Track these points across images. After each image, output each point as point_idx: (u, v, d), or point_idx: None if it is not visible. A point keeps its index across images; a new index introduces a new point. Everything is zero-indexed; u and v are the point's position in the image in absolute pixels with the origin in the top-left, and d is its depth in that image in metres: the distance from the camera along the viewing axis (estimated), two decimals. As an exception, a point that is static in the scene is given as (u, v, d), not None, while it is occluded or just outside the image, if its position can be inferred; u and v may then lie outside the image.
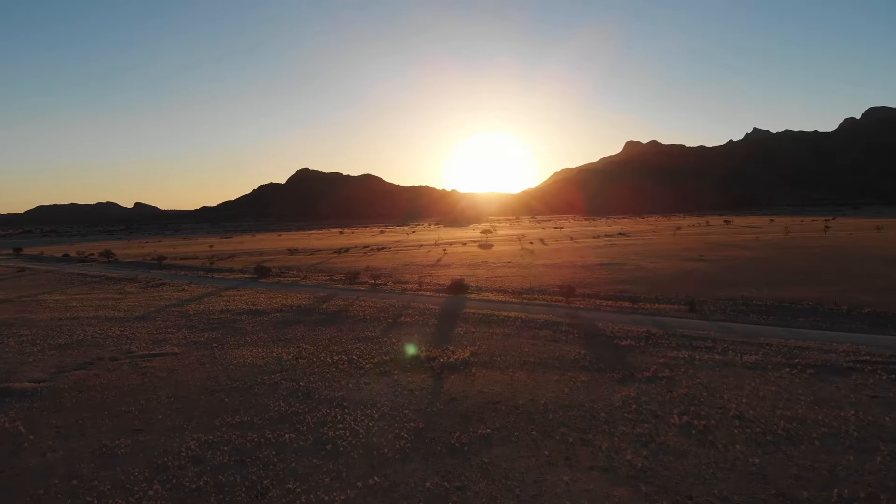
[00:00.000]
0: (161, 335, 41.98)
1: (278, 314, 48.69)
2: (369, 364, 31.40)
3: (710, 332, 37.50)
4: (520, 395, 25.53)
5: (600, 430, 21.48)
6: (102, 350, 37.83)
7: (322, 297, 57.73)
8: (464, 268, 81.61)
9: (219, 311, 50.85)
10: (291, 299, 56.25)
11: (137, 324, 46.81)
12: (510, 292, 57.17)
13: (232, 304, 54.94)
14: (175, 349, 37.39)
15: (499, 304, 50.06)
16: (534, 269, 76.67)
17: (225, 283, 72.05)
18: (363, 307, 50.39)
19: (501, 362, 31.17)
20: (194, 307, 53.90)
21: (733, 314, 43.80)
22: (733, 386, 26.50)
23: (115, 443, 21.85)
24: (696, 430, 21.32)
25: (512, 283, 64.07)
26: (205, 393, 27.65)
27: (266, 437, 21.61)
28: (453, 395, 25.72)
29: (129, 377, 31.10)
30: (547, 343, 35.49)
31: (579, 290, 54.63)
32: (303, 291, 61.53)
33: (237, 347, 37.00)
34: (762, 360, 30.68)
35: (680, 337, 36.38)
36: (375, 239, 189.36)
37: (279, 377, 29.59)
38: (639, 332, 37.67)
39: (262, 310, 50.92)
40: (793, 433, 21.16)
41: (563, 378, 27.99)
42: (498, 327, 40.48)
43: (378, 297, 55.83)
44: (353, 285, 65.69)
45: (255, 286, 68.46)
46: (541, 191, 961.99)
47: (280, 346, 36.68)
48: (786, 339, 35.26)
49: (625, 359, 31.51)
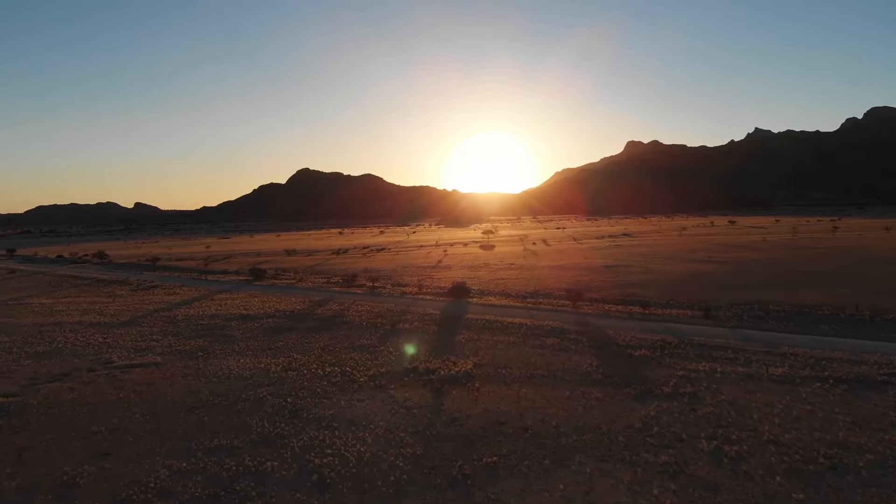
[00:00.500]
0: (145, 343, 39.66)
1: (270, 320, 46.35)
2: (363, 377, 29.04)
3: (728, 341, 35.12)
4: (528, 415, 23.18)
5: (620, 457, 19.12)
6: (81, 359, 35.51)
7: (317, 300, 55.39)
8: (465, 270, 79.26)
9: (208, 317, 48.52)
10: (285, 303, 53.90)
11: (122, 330, 44.50)
12: (514, 296, 54.80)
13: (223, 308, 52.61)
14: (158, 359, 35.07)
15: (502, 309, 47.70)
16: (537, 271, 74.30)
17: (218, 286, 69.72)
18: (360, 312, 48.05)
19: (507, 375, 28.81)
20: (184, 312, 51.58)
21: (751, 320, 41.41)
22: (763, 404, 24.14)
23: (78, 470, 19.53)
24: (727, 458, 18.97)
25: (515, 286, 61.69)
26: (184, 410, 25.32)
27: (245, 465, 19.28)
28: (455, 415, 23.36)
29: (104, 391, 28.78)
30: (555, 353, 33.12)
31: (586, 293, 52.28)
32: (298, 295, 59.18)
33: (224, 357, 34.66)
34: (789, 372, 28.32)
35: (697, 346, 34.01)
36: (375, 239, 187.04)
37: (265, 392, 27.25)
38: (653, 340, 35.30)
39: (253, 315, 48.58)
40: (836, 461, 18.82)
41: (575, 394, 25.63)
42: (502, 335, 38.12)
43: (376, 301, 53.49)
44: (351, 288, 63.34)
45: (248, 289, 66.12)
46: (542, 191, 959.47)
47: (269, 356, 34.34)
48: (811, 349, 32.89)
49: (640, 371, 29.15)
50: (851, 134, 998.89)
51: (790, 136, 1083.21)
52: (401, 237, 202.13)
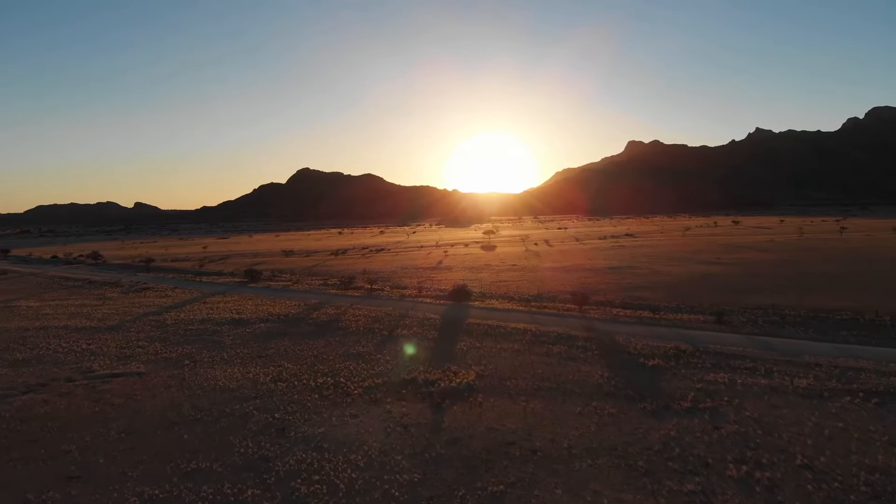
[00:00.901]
0: (130, 349, 37.73)
1: (263, 325, 44.39)
2: (358, 389, 27.09)
3: (746, 349, 33.14)
4: (537, 434, 21.22)
5: (641, 486, 17.16)
6: (61, 368, 33.59)
7: (313, 304, 53.44)
8: (466, 271, 77.29)
9: (199, 321, 46.57)
10: (280, 307, 51.96)
11: (108, 335, 42.57)
12: (517, 299, 52.83)
13: (215, 312, 50.67)
14: (141, 367, 33.14)
15: (505, 314, 45.73)
16: (540, 272, 72.33)
17: (212, 288, 67.79)
18: (356, 316, 46.09)
19: (512, 387, 26.84)
20: (174, 316, 49.64)
21: (766, 326, 39.42)
22: (791, 421, 22.19)
23: (42, 498, 17.66)
24: (760, 487, 17.03)
25: (518, 288, 59.72)
26: (163, 427, 23.39)
27: (224, 494, 17.36)
28: (457, 434, 21.40)
29: (80, 404, 26.85)
30: (563, 362, 31.15)
31: (592, 297, 50.28)
32: (293, 298, 57.23)
33: (211, 366, 32.71)
34: (815, 385, 26.35)
35: (713, 355, 32.04)
36: (375, 240, 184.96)
37: (252, 406, 25.31)
38: (666, 348, 33.33)
39: (246, 319, 46.62)
40: (879, 489, 16.91)
41: (587, 409, 23.66)
42: (506, 342, 36.15)
43: (374, 305, 51.53)
44: (348, 291, 61.38)
45: (243, 291, 64.18)
46: (542, 191, 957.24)
47: (259, 365, 32.39)
48: (833, 358, 30.92)
49: (656, 383, 27.18)
50: (853, 134, 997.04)
51: (791, 135, 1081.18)
52: (401, 237, 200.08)
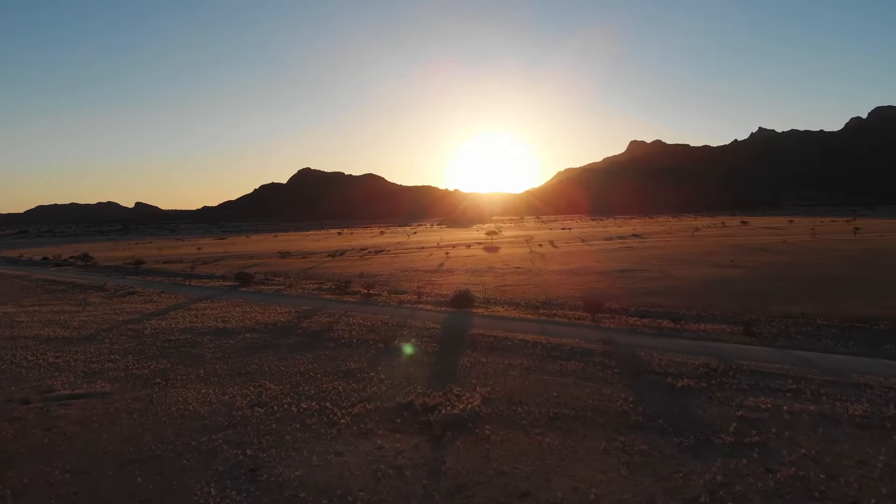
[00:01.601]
0: (100, 364, 34.23)
1: (249, 335, 40.84)
2: (346, 417, 23.53)
3: (784, 367, 29.51)
4: (556, 480, 17.64)
5: (695, 561, 13.57)
6: (19, 386, 30.12)
7: (305, 311, 49.88)
8: (468, 274, 73.72)
9: (180, 331, 43.05)
10: (269, 314, 48.41)
11: (80, 347, 39.08)
12: (524, 306, 49.25)
13: (199, 320, 47.13)
14: (107, 386, 29.63)
15: (512, 323, 42.14)
16: (547, 276, 68.74)
17: (200, 293, 64.28)
18: (350, 325, 42.52)
19: (524, 415, 23.26)
20: (154, 324, 46.12)
21: (801, 339, 35.78)
22: (855, 461, 18.61)
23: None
24: (845, 562, 13.44)
25: (525, 293, 56.15)
26: (115, 466, 19.86)
27: (169, 567, 13.80)
28: (460, 480, 17.82)
29: (30, 433, 23.36)
30: (580, 382, 27.56)
31: (605, 303, 46.70)
32: (284, 304, 53.67)
33: (184, 385, 29.18)
34: (872, 412, 22.77)
35: (749, 373, 28.44)
36: (374, 241, 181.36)
37: (222, 438, 21.76)
38: (694, 365, 29.74)
39: (231, 329, 43.08)
40: None
41: (614, 446, 20.07)
42: (514, 356, 32.57)
43: (370, 313, 47.98)
44: (344, 296, 57.82)
45: (232, 296, 60.67)
46: (544, 190, 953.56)
47: (238, 385, 28.84)
48: (884, 378, 27.33)
49: (689, 410, 23.60)
50: (856, 133, 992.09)
51: (794, 135, 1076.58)
52: (401, 238, 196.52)
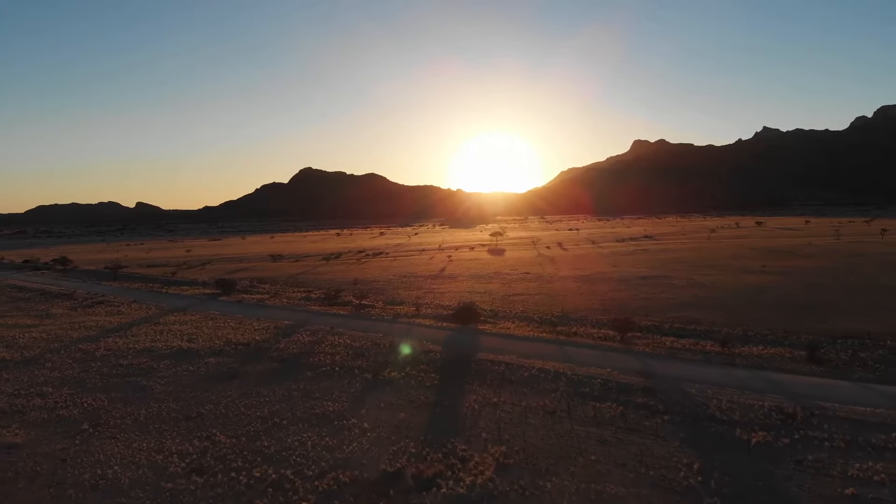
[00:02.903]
0: (27, 399, 27.96)
1: (213, 360, 34.42)
2: (309, 496, 17.11)
3: (877, 411, 23.09)
4: None
5: None
6: None
7: (285, 326, 43.46)
8: (473, 281, 67.22)
9: (136, 352, 36.67)
10: (243, 331, 42.00)
11: (14, 373, 32.80)
12: (537, 321, 42.74)
13: (162, 338, 40.73)
14: (20, 435, 23.40)
15: (526, 344, 35.66)
16: (560, 283, 62.19)
17: (175, 303, 57.92)
18: (335, 347, 36.07)
19: (556, 495, 16.80)
20: (111, 343, 39.73)
21: (880, 368, 29.23)
22: None
23: None
24: None
25: (537, 304, 49.65)
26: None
27: None
28: None
29: None
30: (623, 436, 21.09)
31: (632, 317, 40.22)
32: (264, 318, 47.23)
33: (114, 436, 22.83)
34: None
35: (837, 422, 21.97)
36: (373, 242, 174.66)
37: (131, 535, 15.34)
38: (764, 409, 23.28)
39: (195, 351, 36.67)
40: None
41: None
42: (533, 393, 26.11)
43: (360, 329, 41.53)
44: (333, 307, 51.39)
45: (208, 307, 54.30)
46: (547, 190, 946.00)
47: (181, 436, 22.44)
48: None
49: (777, 483, 17.21)
50: (861, 133, 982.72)
51: (799, 134, 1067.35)
52: (401, 240, 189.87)
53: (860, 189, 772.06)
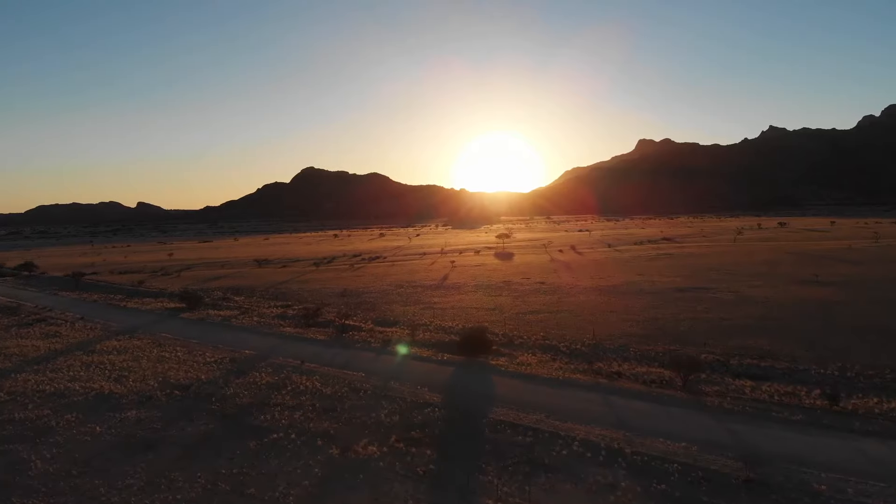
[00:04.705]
0: None
1: (135, 413, 25.46)
2: None
3: None
4: None
5: None
6: None
7: (245, 359, 34.46)
8: (480, 292, 58.17)
9: (44, 397, 27.87)
10: (189, 365, 33.00)
11: None
12: (565, 353, 33.67)
13: (86, 375, 31.82)
14: None
15: (556, 393, 26.61)
16: (582, 296, 53.05)
17: (128, 320, 49.07)
18: (300, 395, 27.06)
19: None
20: (20, 382, 30.80)
21: None
22: None
23: None
24: None
25: (559, 326, 40.59)
26: None
27: None
28: None
29: None
30: None
31: (687, 346, 31.16)
32: (222, 345, 38.23)
33: None
34: None
35: None
36: (372, 244, 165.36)
37: None
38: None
39: (118, 397, 27.73)
40: None
41: None
42: (581, 496, 17.01)
43: (337, 364, 32.54)
44: (310, 329, 42.39)
45: (163, 328, 45.41)
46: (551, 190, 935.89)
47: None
48: None
49: None
50: (869, 132, 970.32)
51: (806, 133, 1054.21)
52: (402, 242, 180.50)
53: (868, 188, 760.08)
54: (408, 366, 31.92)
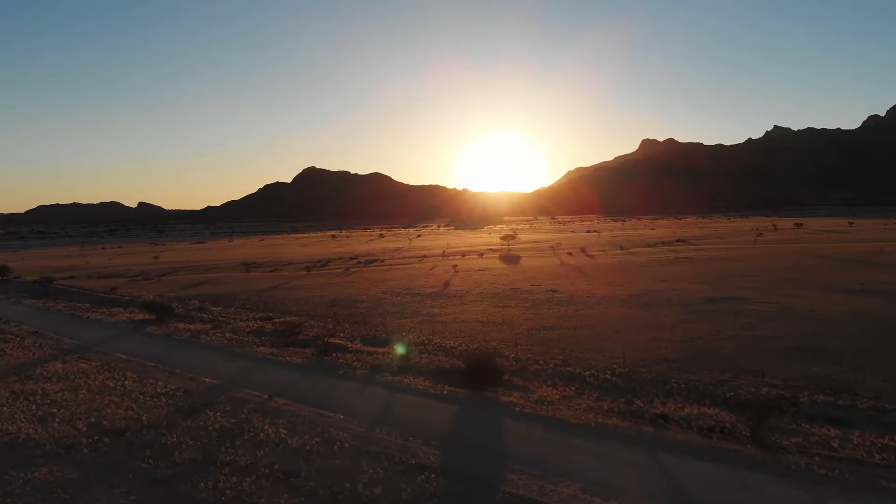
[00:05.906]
0: None
1: (44, 472, 19.67)
2: None
3: None
4: None
5: None
6: None
7: (203, 390, 28.60)
8: (485, 301, 52.28)
9: (-72, 451, 21.87)
10: (135, 400, 27.12)
11: None
12: (592, 383, 27.71)
13: (9, 409, 26.13)
14: None
15: (587, 448, 20.66)
16: (602, 307, 47.06)
17: (86, 336, 43.32)
18: (258, 447, 21.18)
19: None
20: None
21: None
22: None
23: None
24: None
25: (581, 346, 34.63)
26: None
27: None
28: None
29: None
30: None
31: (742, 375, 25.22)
32: (181, 371, 32.40)
33: None
34: None
35: None
36: (370, 246, 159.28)
37: None
38: None
39: (32, 447, 21.93)
40: None
41: None
42: None
43: (311, 400, 26.65)
44: (286, 351, 36.44)
45: (121, 346, 39.63)
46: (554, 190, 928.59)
47: None
48: None
49: None
50: (875, 131, 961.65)
51: (810, 133, 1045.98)
52: (402, 243, 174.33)
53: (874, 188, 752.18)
54: (399, 402, 25.99)
